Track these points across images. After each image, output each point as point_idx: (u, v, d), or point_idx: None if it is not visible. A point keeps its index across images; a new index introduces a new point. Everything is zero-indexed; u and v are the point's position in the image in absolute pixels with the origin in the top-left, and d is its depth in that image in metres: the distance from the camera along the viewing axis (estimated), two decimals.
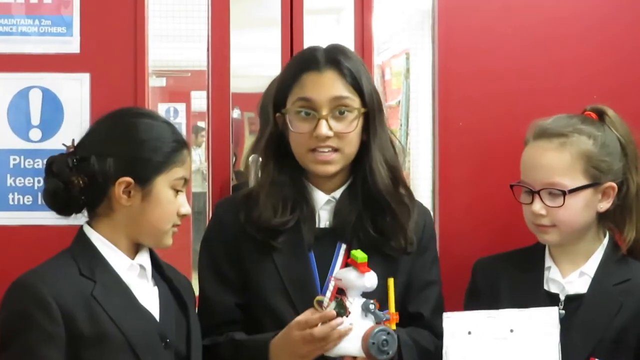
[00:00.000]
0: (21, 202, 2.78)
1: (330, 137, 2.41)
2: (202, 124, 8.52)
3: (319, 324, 2.26)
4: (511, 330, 2.32)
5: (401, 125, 5.78)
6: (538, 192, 2.44)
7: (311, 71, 2.43)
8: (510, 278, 2.52)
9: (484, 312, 2.35)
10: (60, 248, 2.33)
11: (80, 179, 2.27)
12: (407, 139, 5.71)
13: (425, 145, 5.02)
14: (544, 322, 2.32)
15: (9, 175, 2.79)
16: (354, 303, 2.28)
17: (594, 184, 2.44)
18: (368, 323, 2.27)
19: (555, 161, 2.43)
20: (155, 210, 2.29)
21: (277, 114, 2.48)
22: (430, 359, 2.45)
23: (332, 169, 2.45)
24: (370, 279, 2.27)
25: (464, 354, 2.33)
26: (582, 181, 2.43)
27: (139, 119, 2.33)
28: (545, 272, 2.50)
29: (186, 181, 2.33)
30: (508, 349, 2.32)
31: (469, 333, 2.33)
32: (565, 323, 2.36)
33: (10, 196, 2.79)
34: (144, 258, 2.34)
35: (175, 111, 7.96)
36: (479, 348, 2.32)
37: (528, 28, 2.89)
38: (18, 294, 2.21)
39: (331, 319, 2.26)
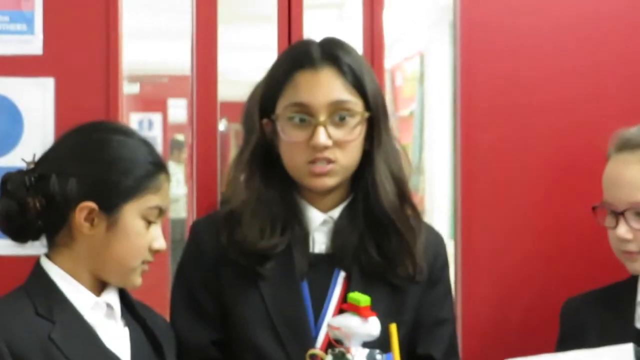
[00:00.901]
0: None
1: (329, 146, 2.40)
2: (180, 137, 8.54)
3: None
4: None
5: (414, 139, 5.81)
6: (622, 213, 2.44)
7: (305, 69, 2.42)
8: (599, 318, 2.53)
9: (550, 355, 2.35)
10: (19, 282, 2.32)
11: (37, 201, 2.27)
12: (421, 155, 5.75)
13: (443, 163, 5.04)
14: None
15: None
16: (357, 355, 2.25)
17: None
18: None
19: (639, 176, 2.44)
20: (122, 244, 2.28)
21: (264, 120, 2.47)
22: None
23: (330, 182, 2.44)
24: (376, 325, 2.24)
25: None
26: None
27: (111, 135, 2.33)
28: (638, 308, 2.50)
29: (162, 211, 2.32)
30: None
31: None
32: None
33: None
34: (111, 295, 2.33)
35: (150, 122, 7.98)
36: None
37: (565, 25, 2.90)
38: None
39: None
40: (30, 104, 2.80)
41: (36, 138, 2.72)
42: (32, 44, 2.82)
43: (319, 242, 2.49)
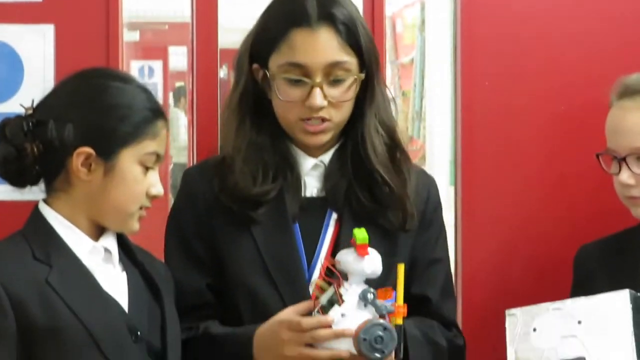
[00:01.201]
0: None
1: (325, 106, 2.41)
2: (180, 84, 8.51)
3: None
4: (579, 322, 2.34)
5: (415, 86, 5.81)
6: (624, 159, 2.46)
7: (302, 28, 2.40)
8: (608, 265, 2.55)
9: (549, 304, 2.37)
10: (18, 227, 2.33)
11: (35, 146, 2.27)
12: (421, 103, 5.74)
13: (444, 110, 5.03)
14: (614, 309, 2.33)
15: None
16: (350, 290, 2.27)
17: None
18: (364, 315, 2.25)
19: None
20: (119, 189, 2.29)
21: (254, 65, 2.47)
22: (442, 355, 2.46)
23: (324, 138, 2.46)
24: (370, 264, 2.26)
25: (530, 354, 2.36)
26: None
27: (109, 81, 2.33)
28: None
29: (159, 157, 2.33)
30: (578, 343, 2.33)
31: (535, 330, 2.36)
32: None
33: None
34: (109, 240, 2.34)
35: (150, 70, 7.96)
36: (545, 346, 2.35)
37: None
38: None
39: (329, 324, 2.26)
40: (30, 51, 2.80)
41: (36, 85, 2.72)
42: None
43: (311, 187, 2.50)
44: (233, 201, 2.44)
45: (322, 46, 2.40)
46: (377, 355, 2.23)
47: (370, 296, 2.24)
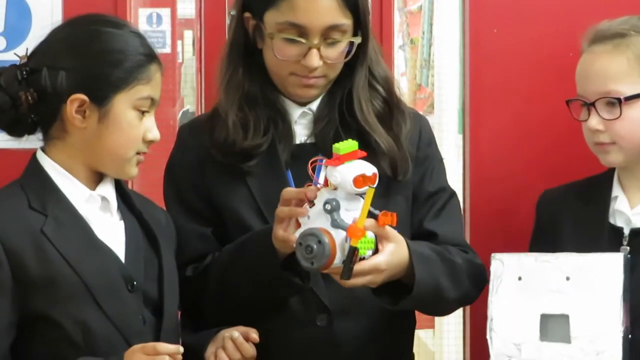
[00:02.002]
0: None
1: (320, 66, 2.43)
2: (188, 33, 8.50)
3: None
4: (567, 278, 2.32)
5: (424, 33, 5.78)
6: (593, 104, 2.44)
7: None
8: (573, 212, 2.53)
9: (538, 255, 2.36)
10: (16, 175, 2.33)
11: (29, 94, 2.27)
12: (430, 50, 5.72)
13: (452, 57, 5.01)
14: (606, 270, 2.30)
15: None
16: (321, 195, 2.24)
17: None
18: (322, 222, 2.22)
19: (609, 66, 2.43)
20: (114, 134, 2.29)
21: (246, 14, 2.47)
22: (457, 271, 2.45)
23: (315, 92, 2.50)
24: (334, 174, 2.20)
25: (512, 302, 2.34)
26: None
27: (101, 27, 2.32)
28: (612, 203, 2.50)
29: (154, 101, 2.32)
30: (563, 299, 2.31)
31: (519, 279, 2.34)
32: (630, 262, 2.34)
33: None
34: (107, 189, 2.34)
35: (159, 17, 7.93)
36: (529, 297, 2.33)
37: None
38: None
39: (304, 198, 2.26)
40: None
41: (44, 32, 2.70)
42: None
43: (300, 135, 2.53)
44: (224, 155, 2.47)
45: (323, 8, 2.40)
46: (306, 264, 2.20)
47: (327, 206, 2.20)
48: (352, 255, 2.18)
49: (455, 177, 3.02)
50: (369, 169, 2.21)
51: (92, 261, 2.26)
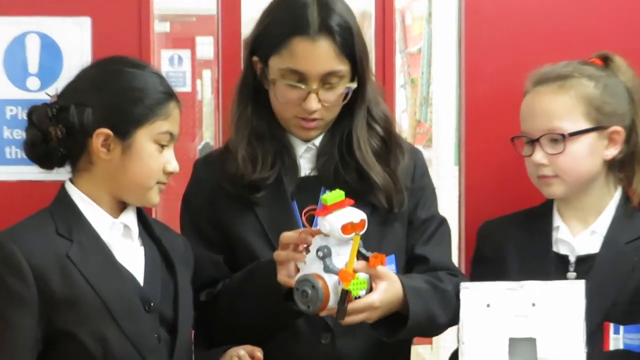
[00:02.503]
0: (19, 156, 2.79)
1: (319, 109, 2.44)
2: (207, 72, 8.52)
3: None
4: (533, 304, 2.31)
5: (423, 73, 5.79)
6: (538, 140, 2.45)
7: (303, 37, 2.40)
8: (517, 241, 2.53)
9: (505, 283, 2.34)
10: (47, 204, 2.35)
11: (59, 130, 2.29)
12: (429, 89, 5.73)
13: (449, 96, 5.01)
14: (570, 297, 2.30)
15: (5, 127, 2.80)
16: (315, 242, 2.25)
17: (598, 127, 2.44)
18: (316, 268, 2.23)
19: (554, 104, 2.44)
20: (136, 166, 2.30)
21: (254, 58, 2.48)
22: (447, 298, 2.44)
23: (315, 134, 2.51)
24: (322, 223, 2.22)
25: (481, 327, 2.33)
26: (583, 124, 2.44)
27: (123, 67, 2.34)
28: (554, 233, 2.51)
29: (172, 136, 2.34)
30: (529, 323, 2.31)
31: (488, 306, 2.33)
32: None
33: (7, 150, 2.80)
34: (129, 217, 2.35)
35: (180, 58, 7.95)
36: (497, 322, 2.32)
37: None
38: None
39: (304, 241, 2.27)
40: (69, 42, 2.80)
41: (74, 73, 2.71)
42: None
43: (305, 168, 2.53)
44: (235, 187, 2.48)
45: (321, 56, 2.41)
46: (303, 307, 2.22)
47: (320, 253, 2.21)
48: (345, 297, 2.20)
49: (451, 206, 3.02)
50: (357, 217, 2.22)
51: (112, 283, 2.27)
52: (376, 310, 2.27)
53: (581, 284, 2.32)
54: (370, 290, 2.26)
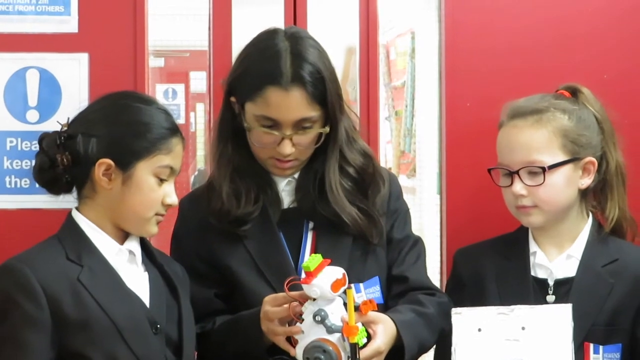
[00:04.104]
0: (18, 185, 2.80)
1: (293, 152, 2.44)
2: (200, 105, 8.53)
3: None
4: (523, 328, 2.32)
5: (407, 106, 5.81)
6: (517, 172, 2.45)
7: (276, 86, 2.39)
8: (495, 267, 2.54)
9: (495, 308, 2.35)
10: (54, 232, 2.35)
11: (65, 157, 2.30)
12: (412, 120, 5.75)
13: (432, 127, 5.03)
14: (557, 320, 2.32)
15: (5, 158, 2.81)
16: (308, 309, 2.24)
17: (574, 159, 2.46)
18: (318, 333, 2.23)
19: (533, 138, 2.45)
20: (135, 196, 2.30)
21: (232, 98, 2.49)
22: (432, 321, 2.44)
23: (290, 172, 2.51)
24: (311, 289, 2.22)
25: (473, 351, 2.33)
26: (561, 157, 2.45)
27: (131, 101, 2.35)
28: (531, 258, 2.52)
29: (173, 170, 2.34)
30: (519, 347, 2.31)
31: (479, 330, 2.34)
32: None
33: (7, 179, 2.81)
34: (133, 243, 2.36)
35: (174, 92, 7.97)
36: (489, 346, 2.32)
37: (538, 5, 2.90)
38: (2, 279, 2.23)
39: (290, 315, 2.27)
40: (67, 77, 2.81)
41: (72, 106, 2.71)
42: (69, 24, 2.82)
43: (286, 201, 2.53)
44: (221, 223, 2.47)
45: (293, 105, 2.40)
46: None
47: (317, 318, 2.22)
48: (355, 351, 2.20)
49: (434, 233, 3.04)
50: (339, 272, 2.24)
51: (122, 306, 2.27)
52: (382, 353, 2.28)
53: (568, 307, 2.33)
54: (368, 335, 2.27)
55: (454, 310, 2.36)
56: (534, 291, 2.47)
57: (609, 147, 2.52)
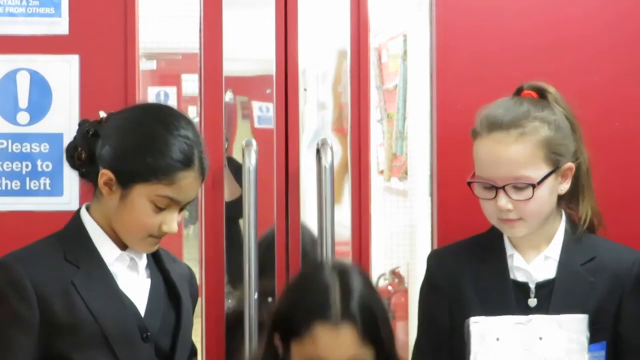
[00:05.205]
0: (9, 188, 2.79)
1: None
2: (192, 108, 8.52)
3: None
4: (540, 338, 2.32)
5: (398, 109, 5.79)
6: (502, 188, 2.40)
7: (325, 323, 2.19)
8: (472, 270, 2.50)
9: (513, 318, 2.34)
10: (49, 234, 2.34)
11: (83, 152, 2.29)
12: (404, 123, 5.72)
13: (424, 129, 5.02)
14: (574, 330, 2.32)
15: None
16: None
17: (556, 169, 2.44)
18: None
19: (519, 154, 2.39)
20: (129, 216, 2.28)
21: (276, 335, 2.27)
22: None
23: None
24: None
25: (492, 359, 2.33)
26: (545, 169, 2.41)
27: (155, 123, 2.29)
28: (509, 260, 2.49)
29: (174, 201, 2.28)
30: (537, 357, 2.31)
31: (497, 339, 2.33)
32: (538, 311, 2.38)
33: None
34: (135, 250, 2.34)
35: (166, 95, 7.96)
36: (507, 356, 2.32)
37: (530, 8, 2.90)
38: None
39: None
40: (58, 78, 2.81)
41: (63, 108, 2.73)
42: (60, 25, 2.82)
43: None
44: None
45: (344, 343, 2.20)
46: None
47: None
48: None
49: (425, 236, 3.03)
50: None
51: (112, 312, 2.26)
52: None
53: (585, 318, 2.33)
54: None
55: (472, 320, 2.34)
56: (515, 294, 2.45)
57: (580, 148, 2.50)
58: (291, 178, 2.96)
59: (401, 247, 4.09)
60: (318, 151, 2.90)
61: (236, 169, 2.98)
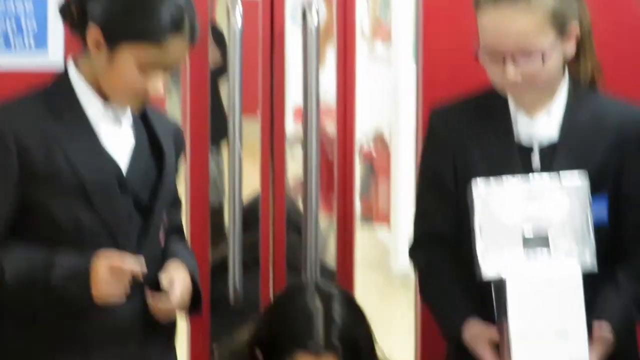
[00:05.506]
0: None
1: None
2: None
3: None
4: (543, 197, 2.34)
5: None
6: (511, 57, 2.38)
7: (307, 352, 2.27)
8: (477, 131, 2.50)
9: (516, 178, 2.37)
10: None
11: (75, 6, 2.27)
12: None
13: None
14: (575, 187, 2.35)
15: None
16: None
17: (562, 32, 2.42)
18: None
19: (528, 24, 2.37)
20: (115, 76, 2.28)
21: (257, 350, 2.36)
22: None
23: None
24: None
25: (495, 227, 2.34)
26: (552, 35, 2.40)
27: None
28: (513, 123, 2.49)
29: (160, 64, 2.27)
30: (540, 215, 2.34)
31: (501, 201, 2.35)
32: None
33: None
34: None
35: None
36: (511, 216, 2.35)
37: None
38: None
39: None
40: None
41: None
42: None
43: None
44: None
45: None
46: None
47: None
48: None
49: (409, 101, 3.03)
50: None
51: (92, 164, 2.29)
52: None
53: (585, 173, 2.36)
54: None
55: (476, 182, 2.36)
56: (520, 156, 2.46)
57: (581, 4, 2.48)
58: (277, 42, 2.94)
59: (384, 111, 4.11)
60: (304, 14, 2.87)
61: (219, 38, 2.97)
